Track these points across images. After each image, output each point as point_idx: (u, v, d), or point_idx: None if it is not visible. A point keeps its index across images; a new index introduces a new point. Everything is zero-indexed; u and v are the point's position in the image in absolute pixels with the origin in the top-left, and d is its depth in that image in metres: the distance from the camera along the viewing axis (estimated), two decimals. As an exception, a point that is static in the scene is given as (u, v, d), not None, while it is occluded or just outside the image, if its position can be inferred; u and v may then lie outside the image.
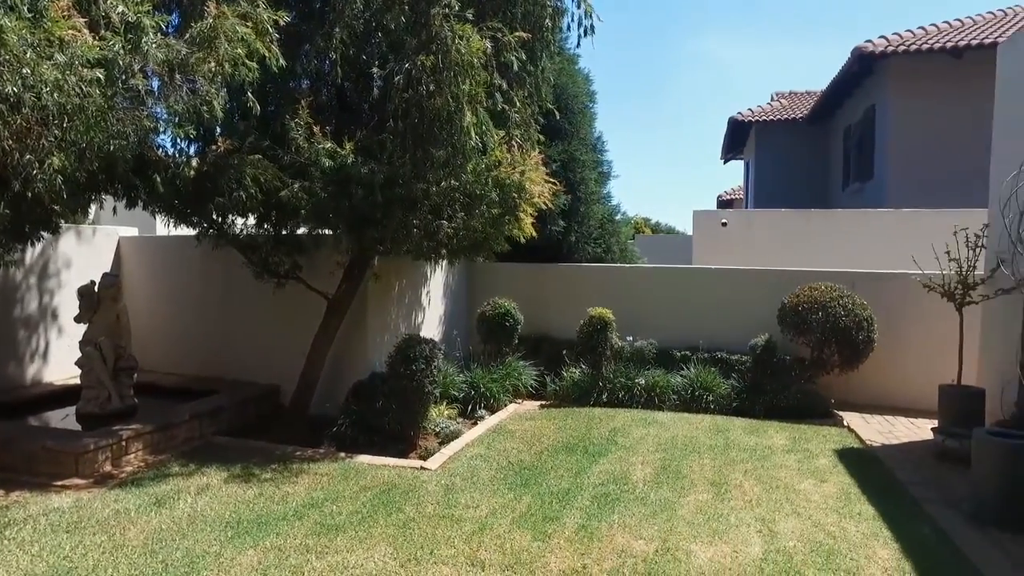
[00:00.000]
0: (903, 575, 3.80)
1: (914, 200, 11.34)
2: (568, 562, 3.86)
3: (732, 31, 49.76)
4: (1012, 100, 6.33)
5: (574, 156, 9.66)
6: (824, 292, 7.63)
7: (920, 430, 6.85)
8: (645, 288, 8.96)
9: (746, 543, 4.15)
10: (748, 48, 54.32)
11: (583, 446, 6.14)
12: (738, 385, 7.79)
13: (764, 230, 11.10)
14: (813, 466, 5.70)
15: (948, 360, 6.78)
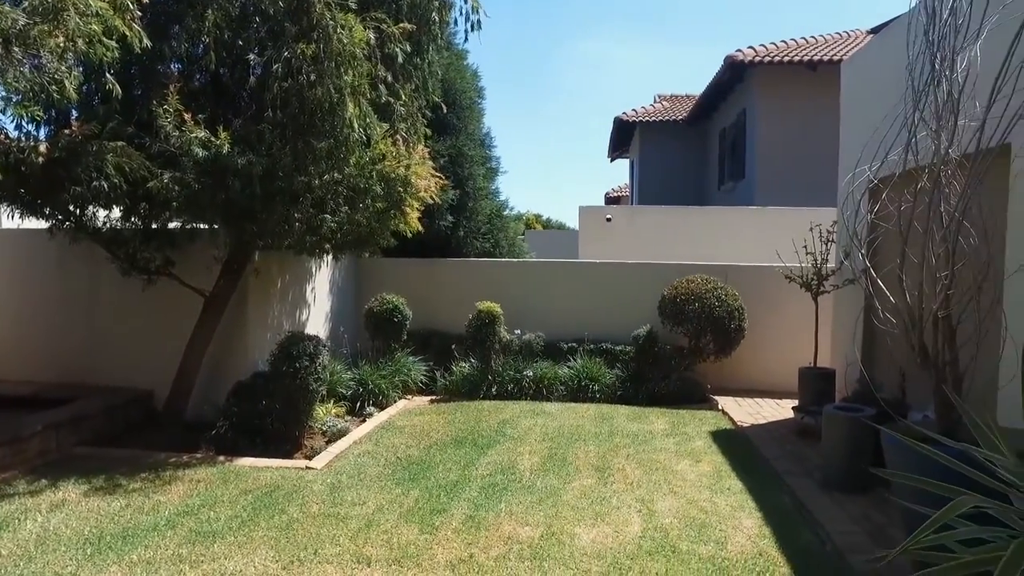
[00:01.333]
0: (764, 539, 4.12)
1: (779, 199, 12.25)
2: (455, 552, 3.89)
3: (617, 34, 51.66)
4: (851, 112, 7.01)
5: (462, 151, 9.70)
6: (700, 284, 8.11)
7: (784, 410, 7.43)
8: (533, 282, 9.14)
9: (626, 523, 4.35)
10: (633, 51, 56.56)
11: (472, 439, 6.19)
12: (622, 374, 8.13)
13: (646, 225, 11.63)
14: (690, 448, 6.05)
15: (808, 345, 7.41)
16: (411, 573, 3.64)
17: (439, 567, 3.71)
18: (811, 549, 4.04)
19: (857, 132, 6.11)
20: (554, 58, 65.94)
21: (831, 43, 14.35)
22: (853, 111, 6.93)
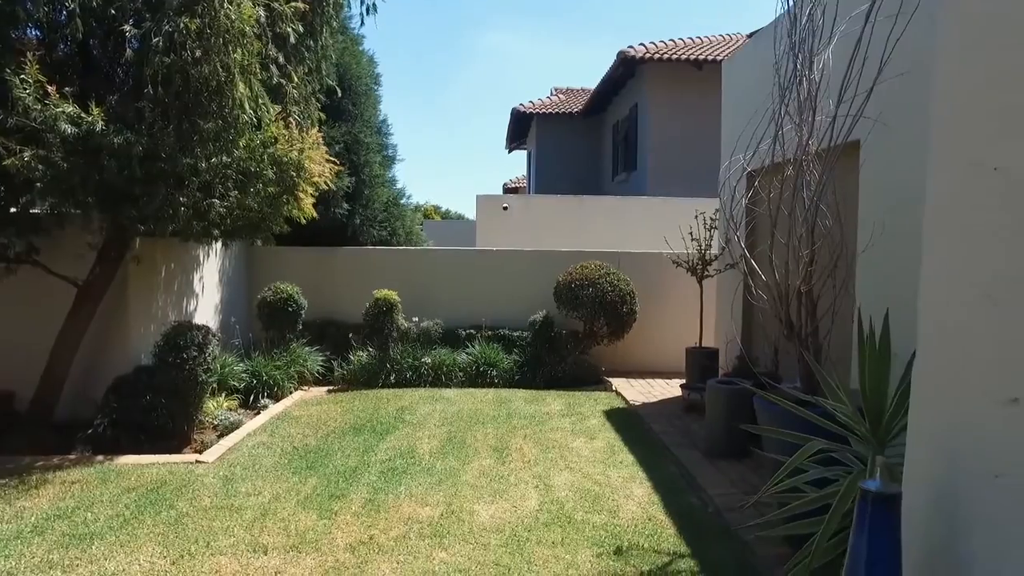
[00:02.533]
0: (653, 505, 4.38)
1: (669, 189, 12.87)
2: (355, 535, 3.88)
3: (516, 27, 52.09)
4: (731, 107, 7.49)
5: (358, 138, 9.53)
6: (593, 270, 8.41)
7: (673, 389, 7.86)
8: (431, 270, 9.15)
9: (524, 498, 4.49)
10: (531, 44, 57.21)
11: (371, 426, 6.15)
12: (520, 359, 8.31)
13: (542, 214, 11.89)
14: (585, 427, 6.29)
15: (694, 326, 7.87)
16: (310, 558, 3.60)
17: (338, 550, 3.69)
18: (694, 511, 4.34)
19: (735, 126, 6.54)
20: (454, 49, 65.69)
21: (716, 44, 15.17)
22: (732, 107, 7.41)
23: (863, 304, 3.78)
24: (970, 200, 1.23)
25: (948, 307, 1.29)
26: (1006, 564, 1.15)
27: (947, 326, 1.29)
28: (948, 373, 1.27)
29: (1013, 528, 1.12)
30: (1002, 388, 1.15)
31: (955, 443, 1.24)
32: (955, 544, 1.23)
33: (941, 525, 1.26)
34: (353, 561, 3.57)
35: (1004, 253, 1.16)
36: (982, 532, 1.18)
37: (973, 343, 1.22)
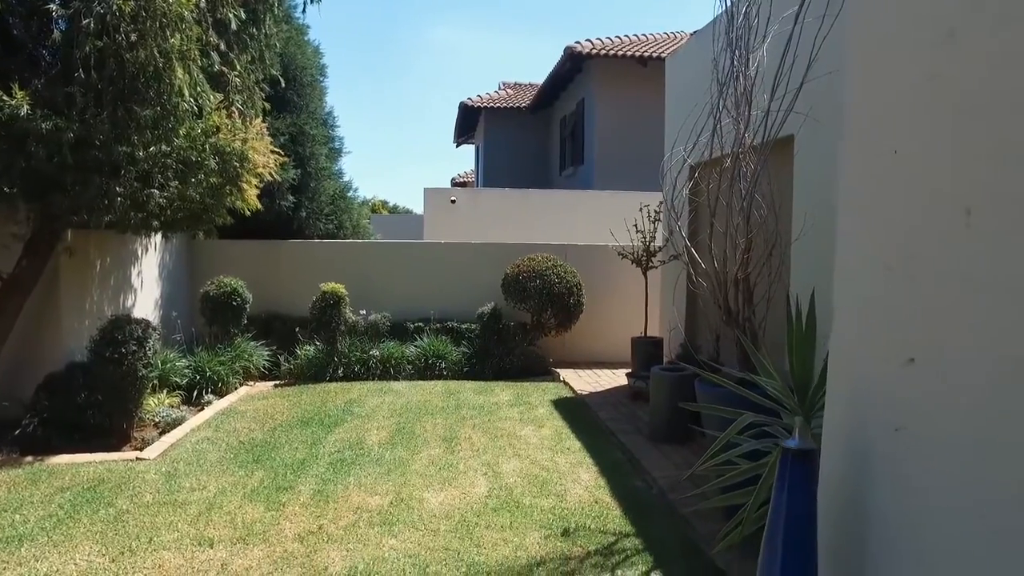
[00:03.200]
0: (599, 489, 4.50)
1: (615, 183, 13.08)
2: (304, 525, 3.86)
3: (465, 21, 51.88)
4: (673, 103, 7.69)
5: (303, 130, 9.37)
6: (541, 262, 8.51)
7: (620, 378, 8.03)
8: (378, 263, 9.10)
9: (473, 485, 4.54)
10: (479, 39, 57.09)
11: (319, 419, 6.10)
12: (468, 351, 8.35)
13: (489, 207, 11.94)
14: (533, 415, 6.39)
15: (640, 317, 8.06)
16: (257, 549, 3.57)
17: (287, 540, 3.67)
18: (639, 493, 4.48)
19: (677, 120, 6.71)
20: (401, 43, 64.99)
21: (661, 42, 15.47)
22: (675, 101, 7.60)
23: (795, 290, 3.97)
24: (874, 181, 1.34)
25: (856, 280, 1.40)
26: (907, 508, 1.26)
27: (855, 297, 1.40)
28: (857, 339, 1.38)
29: (912, 474, 1.23)
30: (901, 350, 1.26)
31: (863, 402, 1.35)
32: (863, 493, 1.35)
33: (852, 477, 1.37)
34: (302, 551, 3.56)
35: (902, 229, 1.27)
36: (886, 480, 1.29)
37: (877, 311, 1.34)
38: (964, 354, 1.15)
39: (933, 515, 1.23)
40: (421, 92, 74.80)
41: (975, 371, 1.13)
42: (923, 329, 1.23)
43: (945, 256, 1.18)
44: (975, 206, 1.12)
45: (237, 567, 3.39)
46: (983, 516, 1.12)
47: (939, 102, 1.20)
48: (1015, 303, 1.05)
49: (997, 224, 1.08)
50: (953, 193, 1.16)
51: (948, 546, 1.19)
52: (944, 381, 1.19)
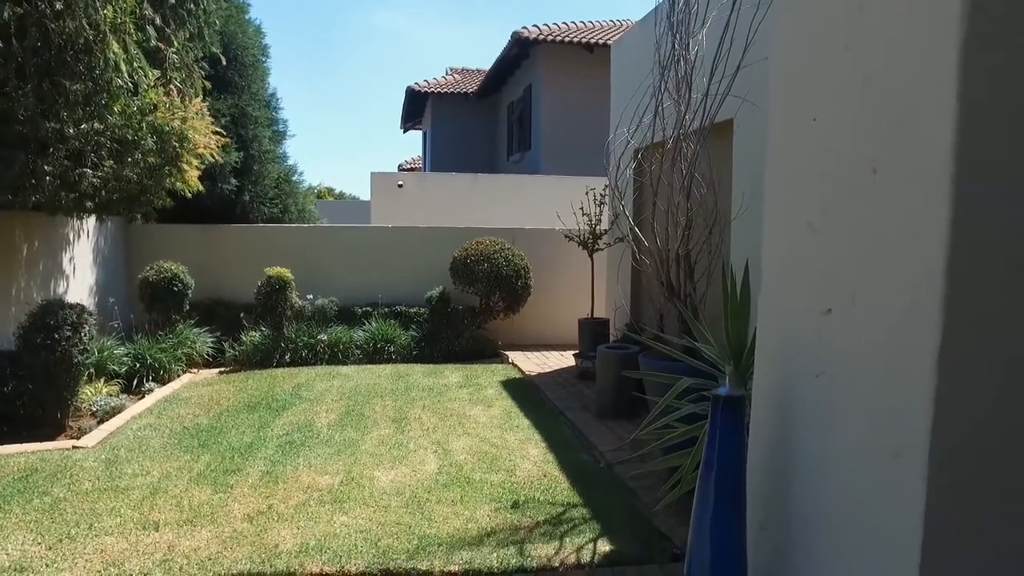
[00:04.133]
0: (548, 464, 4.61)
1: (562, 168, 13.20)
2: (253, 506, 3.84)
3: (409, 5, 51.11)
4: (619, 88, 7.82)
5: (246, 111, 9.16)
6: (489, 246, 8.56)
7: (567, 359, 8.18)
8: (325, 248, 8.99)
9: (423, 463, 4.59)
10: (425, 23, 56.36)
11: (266, 403, 6.03)
12: (417, 335, 8.36)
13: (437, 191, 11.91)
14: (482, 396, 6.46)
15: (587, 298, 8.21)
16: (206, 530, 3.54)
17: (236, 520, 3.65)
18: (586, 466, 4.61)
19: (622, 105, 6.86)
20: (346, 26, 63.60)
21: (607, 28, 15.63)
22: (619, 86, 7.73)
23: (734, 264, 4.13)
24: (795, 146, 1.44)
25: (781, 238, 1.50)
26: (826, 448, 1.37)
27: (780, 255, 1.50)
28: (782, 294, 1.49)
29: (829, 415, 1.34)
30: (819, 302, 1.37)
31: (787, 351, 1.46)
32: (789, 438, 1.46)
33: (779, 423, 1.48)
34: (252, 530, 3.54)
35: (818, 188, 1.38)
36: (806, 422, 1.41)
37: (799, 266, 1.44)
38: (873, 302, 1.26)
39: (847, 456, 1.34)
40: (367, 78, 73.55)
41: (882, 318, 1.24)
42: (838, 281, 1.34)
43: (855, 212, 1.29)
44: (882, 164, 1.23)
45: (185, 548, 3.35)
46: (890, 452, 1.23)
47: (850, 71, 1.30)
48: (914, 251, 1.15)
49: (898, 180, 1.19)
50: (861, 154, 1.27)
51: (863, 484, 1.30)
52: (856, 329, 1.30)
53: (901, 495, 1.18)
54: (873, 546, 1.25)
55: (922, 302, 1.15)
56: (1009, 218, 1.14)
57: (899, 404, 1.19)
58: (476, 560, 3.24)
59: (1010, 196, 1.14)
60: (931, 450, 1.12)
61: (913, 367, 1.17)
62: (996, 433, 1.17)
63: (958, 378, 1.13)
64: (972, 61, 1.07)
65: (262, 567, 3.18)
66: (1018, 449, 1.20)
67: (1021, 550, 1.22)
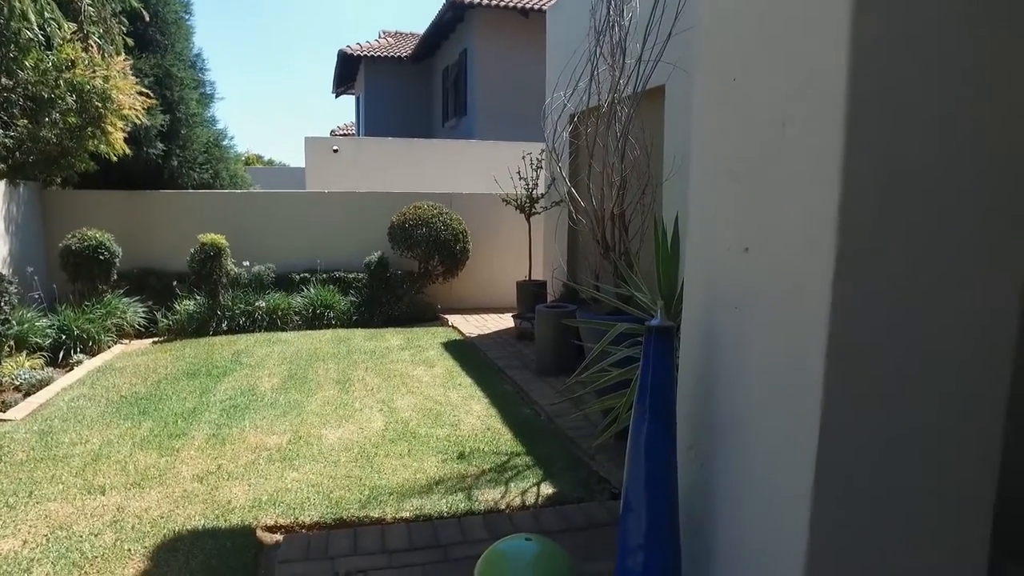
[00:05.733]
0: (491, 418, 4.79)
1: (498, 133, 13.25)
2: (202, 467, 3.87)
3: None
4: (554, 53, 7.92)
5: (170, 72, 8.78)
6: (427, 210, 8.59)
7: (506, 321, 8.36)
8: (260, 214, 8.82)
9: (370, 421, 4.70)
10: (353, -16, 54.27)
11: (206, 370, 5.97)
12: (357, 300, 8.37)
13: (373, 156, 11.78)
14: (424, 357, 6.58)
15: (524, 261, 8.39)
16: (155, 491, 3.56)
17: (185, 481, 3.68)
18: (528, 419, 4.82)
19: (558, 70, 6.97)
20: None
21: (541, -7, 15.59)
22: (555, 51, 7.82)
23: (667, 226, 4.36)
24: (716, 103, 1.61)
25: (705, 185, 1.68)
26: (742, 369, 1.57)
27: (705, 202, 1.68)
28: (706, 237, 1.67)
29: (746, 340, 1.54)
30: (738, 242, 1.56)
31: (711, 288, 1.65)
32: (711, 363, 1.65)
33: (703, 352, 1.68)
34: (203, 489, 3.58)
35: (736, 141, 1.56)
36: (727, 349, 1.60)
37: (721, 209, 1.62)
38: (783, 240, 1.45)
39: (759, 373, 1.54)
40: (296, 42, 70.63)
41: (790, 254, 1.44)
42: (754, 223, 1.53)
43: (768, 162, 1.47)
44: (790, 119, 1.40)
45: (135, 509, 3.37)
46: (794, 366, 1.43)
47: (764, 37, 1.46)
48: (815, 195, 1.34)
49: (803, 134, 1.37)
50: (773, 110, 1.45)
51: (772, 395, 1.51)
52: (769, 265, 1.50)
53: (803, 401, 1.38)
54: (781, 447, 1.46)
55: (820, 238, 1.34)
56: (894, 165, 1.34)
57: (802, 326, 1.39)
58: (426, 506, 3.40)
59: (892, 154, 1.33)
60: (827, 360, 1.32)
61: (813, 293, 1.36)
62: (881, 344, 1.39)
63: (849, 301, 1.33)
64: (860, 28, 1.25)
65: (216, 522, 3.24)
66: (899, 358, 1.42)
67: (906, 437, 1.45)
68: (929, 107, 1.35)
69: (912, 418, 1.46)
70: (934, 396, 1.47)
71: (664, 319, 1.59)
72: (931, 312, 1.43)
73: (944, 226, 1.40)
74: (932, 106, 1.35)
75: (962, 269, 1.44)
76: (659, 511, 1.61)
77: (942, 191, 1.39)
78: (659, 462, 1.64)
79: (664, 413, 1.63)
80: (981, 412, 1.51)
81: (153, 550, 3.00)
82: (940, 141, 1.37)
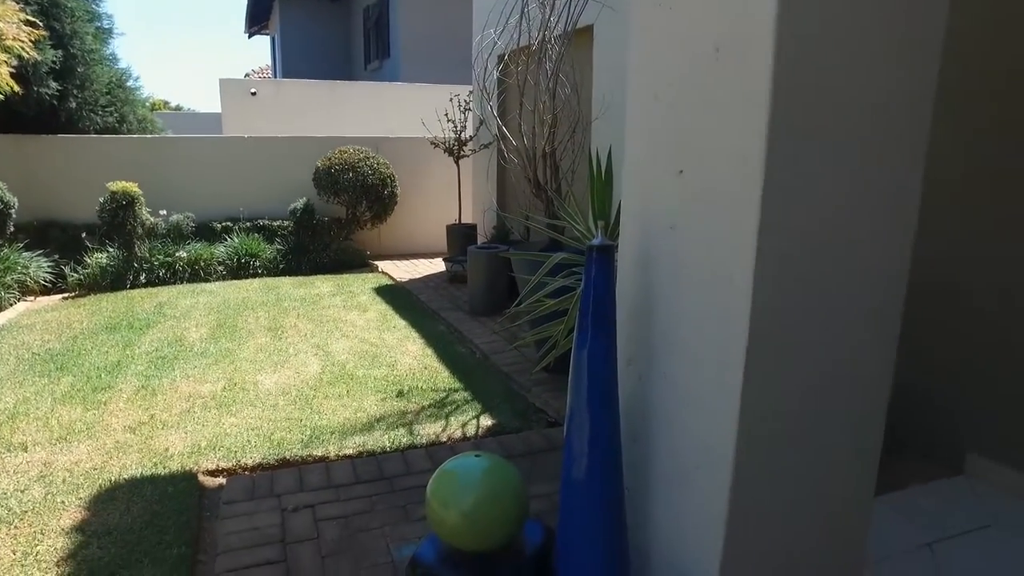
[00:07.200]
0: (427, 357, 4.86)
1: (423, 76, 12.92)
2: (133, 418, 3.77)
3: None
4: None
5: (57, 1, 8.02)
6: (353, 155, 8.38)
7: (438, 266, 8.36)
8: (177, 161, 8.36)
9: (306, 365, 4.67)
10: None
11: (127, 323, 5.73)
12: (283, 248, 8.16)
13: (293, 100, 11.30)
14: (356, 302, 6.53)
15: (454, 205, 8.35)
16: (84, 445, 3.46)
17: (116, 433, 3.58)
18: (464, 357, 4.91)
19: (487, 9, 6.83)
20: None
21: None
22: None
23: (594, 162, 4.45)
24: (649, 28, 1.67)
25: (641, 110, 1.75)
26: (676, 285, 1.68)
27: (641, 125, 1.75)
28: (643, 160, 1.74)
29: (680, 258, 1.64)
30: (672, 163, 1.64)
31: (648, 208, 1.73)
32: (648, 281, 1.75)
33: (641, 271, 1.77)
34: (136, 439, 3.51)
35: (671, 66, 1.62)
36: (663, 268, 1.70)
37: (655, 133, 1.70)
38: (715, 162, 1.53)
39: (692, 288, 1.65)
40: (194, -28, 65.52)
41: (722, 175, 1.53)
42: (688, 146, 1.60)
43: (702, 86, 1.54)
44: (722, 45, 1.47)
45: (64, 463, 3.27)
46: (725, 280, 1.54)
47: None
48: (744, 117, 1.43)
49: (735, 58, 1.44)
50: (707, 36, 1.51)
51: (704, 308, 1.62)
52: (702, 185, 1.58)
53: (732, 313, 1.50)
54: (711, 357, 1.58)
55: (750, 158, 1.43)
56: (819, 88, 1.44)
57: (732, 241, 1.49)
58: (369, 443, 3.46)
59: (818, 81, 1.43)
60: (755, 273, 1.43)
61: (743, 212, 1.46)
62: (802, 263, 1.51)
63: (776, 218, 1.43)
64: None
65: (155, 470, 3.20)
66: (816, 273, 1.55)
67: (829, 365, 1.61)
68: (852, 39, 1.45)
69: (832, 328, 1.61)
70: (851, 306, 1.62)
71: (604, 239, 1.66)
72: (851, 226, 1.57)
73: (864, 142, 1.53)
74: (855, 38, 1.46)
75: (880, 183, 1.58)
76: (601, 420, 1.72)
77: (859, 112, 1.50)
78: (601, 374, 1.73)
79: (606, 328, 1.72)
80: (885, 316, 1.68)
81: (89, 501, 2.94)
82: (867, 72, 1.48)
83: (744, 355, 1.52)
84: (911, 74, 1.55)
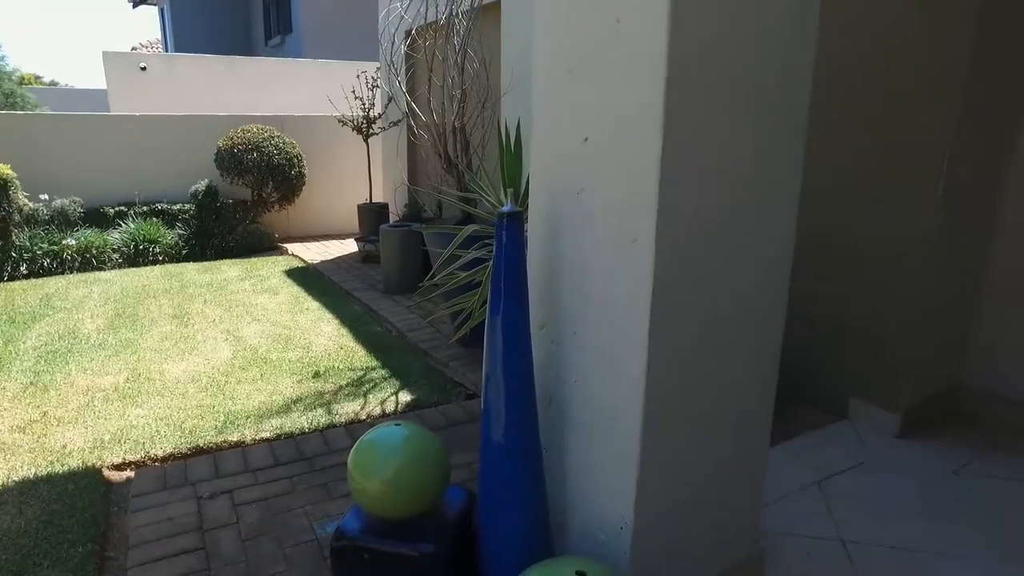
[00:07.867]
0: (343, 337, 4.79)
1: (326, 52, 12.52)
2: (22, 416, 3.53)
3: None
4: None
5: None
6: (257, 134, 8.05)
7: (349, 247, 8.21)
8: (58, 140, 7.76)
9: (216, 351, 4.51)
10: None
11: (7, 318, 5.32)
12: (185, 233, 7.78)
13: (188, 76, 10.70)
14: (266, 286, 6.33)
15: (364, 184, 8.19)
16: (-33, 446, 3.22)
17: (3, 433, 3.35)
18: (380, 336, 4.87)
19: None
20: None
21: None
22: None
23: (505, 137, 4.48)
24: (559, 6, 1.72)
25: (548, 80, 1.79)
26: (583, 248, 1.75)
27: (548, 96, 1.80)
28: (550, 129, 1.80)
29: (587, 222, 1.71)
30: (579, 132, 1.70)
31: (556, 175, 1.79)
32: (557, 245, 1.82)
33: (549, 235, 1.84)
34: (27, 439, 3.29)
35: (575, 38, 1.68)
36: (571, 232, 1.77)
37: (563, 104, 1.75)
38: (617, 128, 1.60)
39: (599, 249, 1.72)
40: (68, -62, 60.25)
41: (624, 140, 1.60)
42: (592, 114, 1.67)
43: (605, 57, 1.60)
44: (622, 17, 1.53)
45: (-54, 465, 3.04)
46: (629, 240, 1.62)
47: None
48: (644, 85, 1.50)
49: (634, 29, 1.51)
50: (608, 6, 1.57)
51: (611, 268, 1.70)
52: (605, 151, 1.65)
53: (637, 270, 1.58)
54: (619, 314, 1.66)
55: (649, 123, 1.51)
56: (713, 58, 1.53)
57: (635, 203, 1.57)
58: (287, 425, 3.40)
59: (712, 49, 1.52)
60: (657, 230, 1.52)
61: (644, 175, 1.54)
62: (700, 220, 1.62)
63: (675, 178, 1.52)
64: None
65: (51, 469, 3.02)
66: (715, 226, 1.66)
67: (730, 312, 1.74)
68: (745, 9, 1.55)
69: (730, 281, 1.73)
70: (747, 258, 1.75)
71: (514, 206, 1.71)
72: (745, 183, 1.69)
73: (756, 109, 1.64)
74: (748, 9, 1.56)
75: (775, 144, 1.70)
76: (517, 383, 1.78)
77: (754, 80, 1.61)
78: (515, 338, 1.79)
79: (518, 292, 1.77)
80: (777, 264, 1.82)
81: (-24, 504, 2.75)
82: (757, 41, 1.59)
83: (649, 309, 1.61)
84: (793, 56, 1.68)
